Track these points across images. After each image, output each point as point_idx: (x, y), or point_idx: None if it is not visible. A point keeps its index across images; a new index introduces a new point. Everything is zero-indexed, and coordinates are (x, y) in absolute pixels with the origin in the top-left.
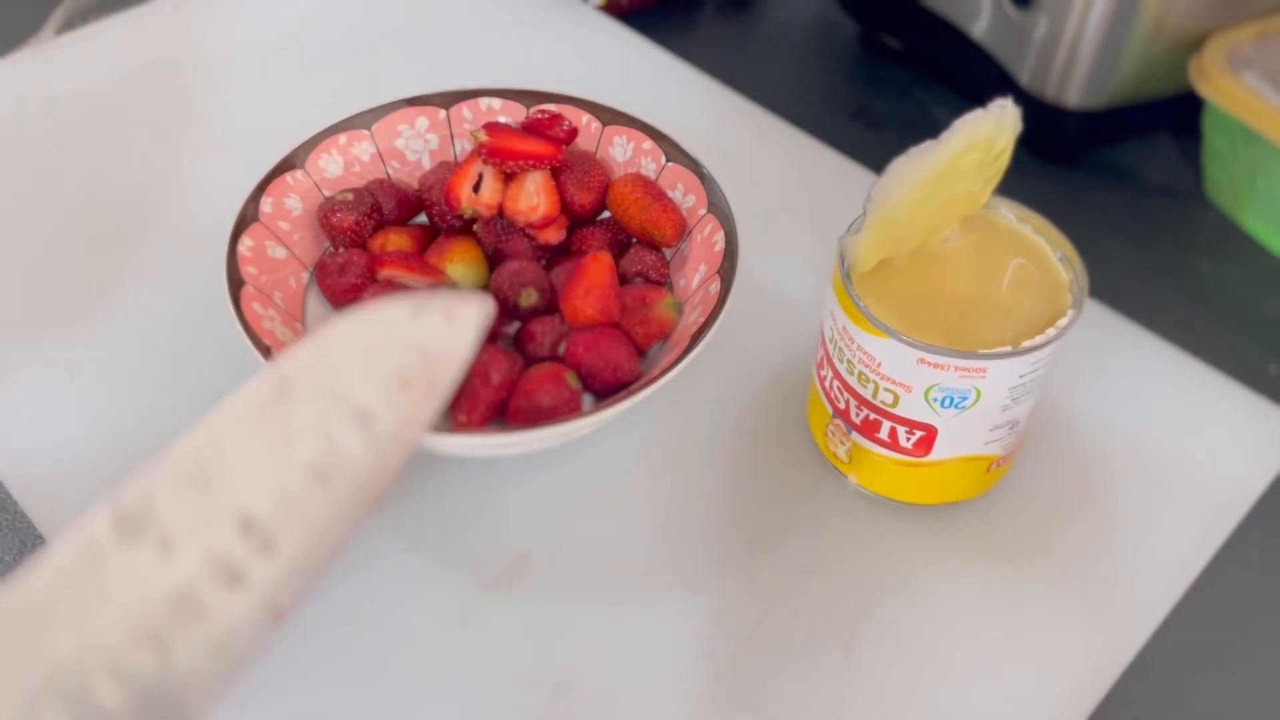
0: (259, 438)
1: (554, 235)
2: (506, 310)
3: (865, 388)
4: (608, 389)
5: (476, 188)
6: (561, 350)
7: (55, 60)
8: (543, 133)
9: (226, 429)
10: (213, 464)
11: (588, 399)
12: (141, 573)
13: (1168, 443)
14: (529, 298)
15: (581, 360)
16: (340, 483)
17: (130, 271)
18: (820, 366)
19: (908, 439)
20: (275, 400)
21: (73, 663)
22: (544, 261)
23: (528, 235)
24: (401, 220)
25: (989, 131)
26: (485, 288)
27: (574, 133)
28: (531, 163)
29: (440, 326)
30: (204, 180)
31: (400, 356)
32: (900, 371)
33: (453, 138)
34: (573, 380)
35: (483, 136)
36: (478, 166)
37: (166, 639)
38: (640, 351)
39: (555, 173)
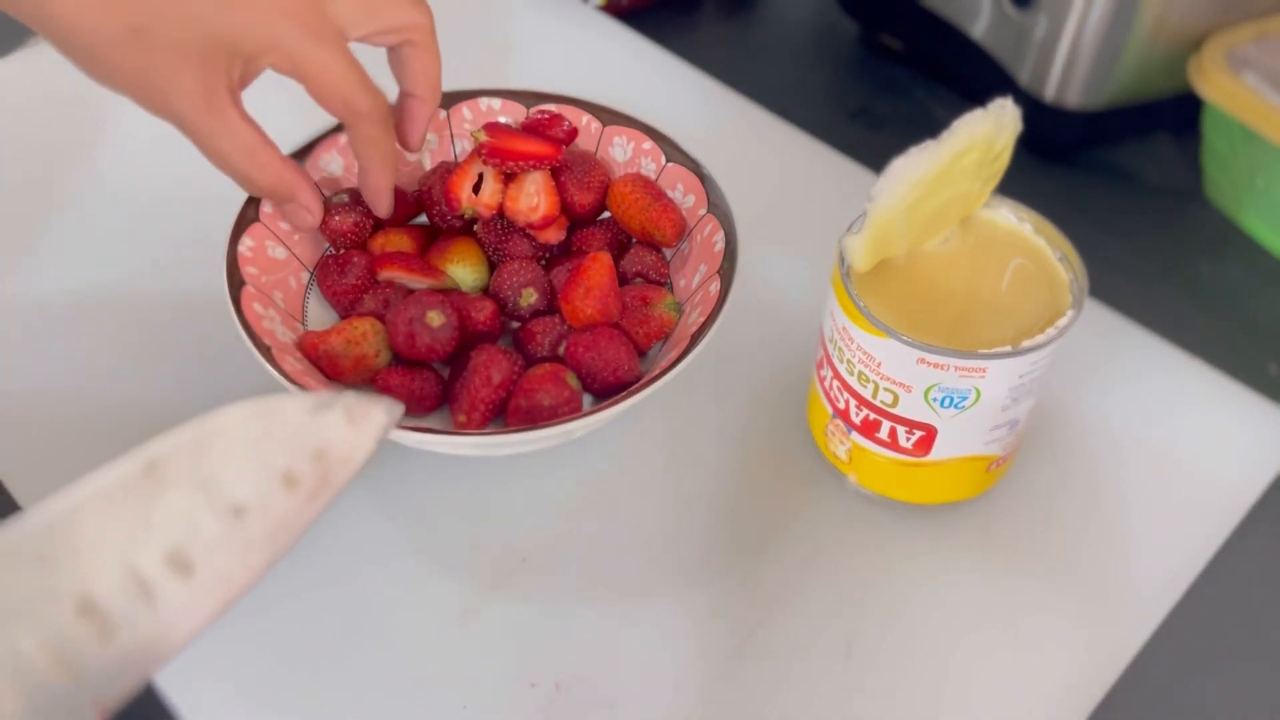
0: (117, 517)
1: (554, 235)
2: (506, 310)
3: (865, 388)
4: (608, 389)
5: (476, 188)
6: (561, 350)
7: (55, 60)
8: (543, 133)
9: (84, 504)
10: (63, 537)
11: (587, 399)
12: None
13: (1168, 443)
14: (529, 298)
15: (581, 360)
16: (199, 576)
17: (130, 271)
18: (820, 366)
19: (908, 439)
20: (142, 482)
21: None
22: (544, 261)
23: (528, 235)
24: (401, 220)
25: (989, 131)
26: (485, 288)
27: (574, 133)
28: (531, 163)
29: (341, 427)
30: (204, 180)
31: (290, 454)
32: (900, 371)
33: (453, 138)
34: (573, 380)
35: (483, 136)
36: (478, 167)
37: None
38: (640, 351)
39: (555, 173)
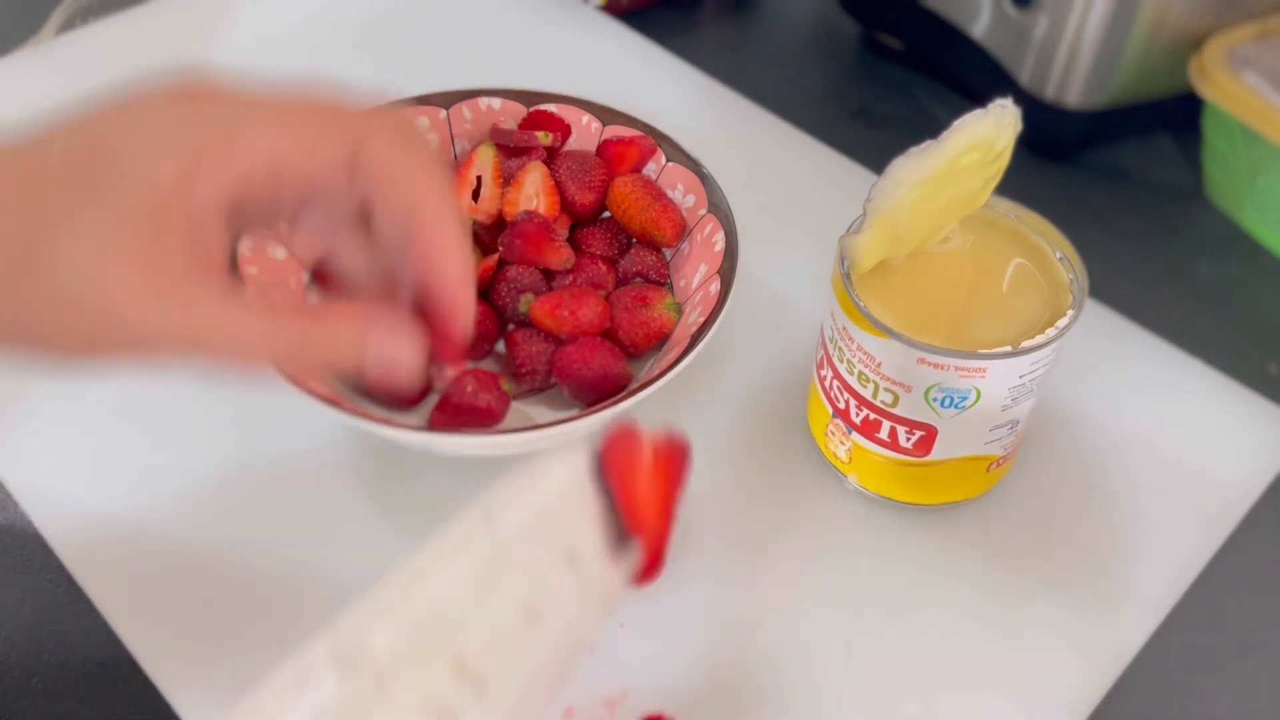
0: (468, 574)
1: (556, 262)
2: (505, 316)
3: (865, 388)
4: (601, 397)
5: (475, 194)
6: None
7: (55, 60)
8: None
9: (436, 564)
10: (424, 600)
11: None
12: (360, 710)
13: (1168, 443)
14: (527, 304)
15: (571, 373)
16: (551, 624)
17: None
18: (820, 366)
19: (908, 439)
20: (482, 535)
21: None
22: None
23: None
24: None
25: (989, 131)
26: (483, 290)
27: (567, 127)
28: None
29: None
30: None
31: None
32: (900, 371)
33: (453, 138)
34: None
35: (491, 153)
36: (475, 170)
37: None
38: (640, 352)
39: (554, 172)
